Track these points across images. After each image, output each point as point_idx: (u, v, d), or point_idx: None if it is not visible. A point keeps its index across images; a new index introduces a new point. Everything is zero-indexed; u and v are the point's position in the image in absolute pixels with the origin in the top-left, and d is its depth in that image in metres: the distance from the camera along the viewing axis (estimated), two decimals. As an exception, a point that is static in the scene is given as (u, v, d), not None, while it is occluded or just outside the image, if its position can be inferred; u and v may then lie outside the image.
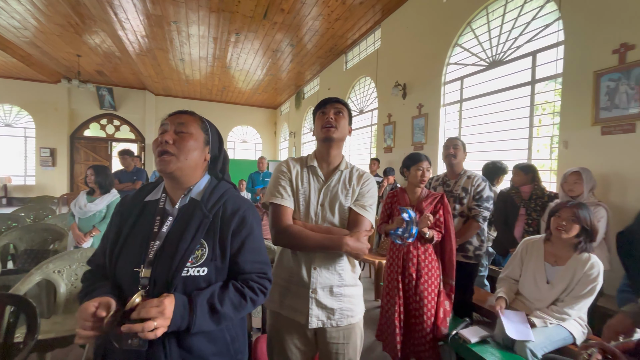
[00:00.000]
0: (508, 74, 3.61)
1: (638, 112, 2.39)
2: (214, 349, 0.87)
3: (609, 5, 2.59)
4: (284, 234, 1.11)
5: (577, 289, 1.62)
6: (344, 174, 1.25)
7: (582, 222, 1.64)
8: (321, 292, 1.15)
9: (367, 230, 1.17)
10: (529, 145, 3.33)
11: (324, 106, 1.24)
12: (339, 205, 1.19)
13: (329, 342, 1.17)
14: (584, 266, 1.63)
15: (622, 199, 2.48)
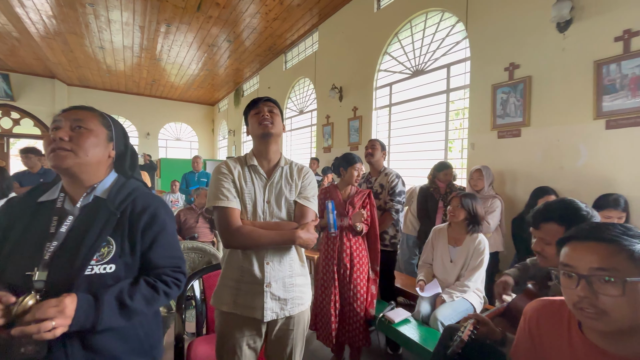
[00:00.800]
0: (428, 83, 4.06)
1: (522, 120, 2.92)
2: (125, 346, 0.86)
3: (501, 30, 3.10)
4: (237, 236, 1.12)
5: (472, 262, 1.98)
6: (285, 170, 1.29)
7: (466, 208, 2.00)
8: (275, 285, 1.18)
9: (314, 220, 1.25)
10: (445, 147, 3.80)
11: (256, 105, 1.27)
12: (284, 200, 1.23)
13: (279, 331, 1.22)
14: (474, 242, 2.00)
15: (514, 191, 2.99)
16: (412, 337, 1.82)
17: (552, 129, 2.74)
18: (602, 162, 2.46)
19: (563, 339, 0.82)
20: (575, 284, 0.72)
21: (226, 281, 1.20)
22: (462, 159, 3.59)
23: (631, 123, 2.30)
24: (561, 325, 0.83)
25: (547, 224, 1.14)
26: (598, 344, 0.75)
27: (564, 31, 2.62)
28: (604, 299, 0.68)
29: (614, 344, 0.73)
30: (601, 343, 0.75)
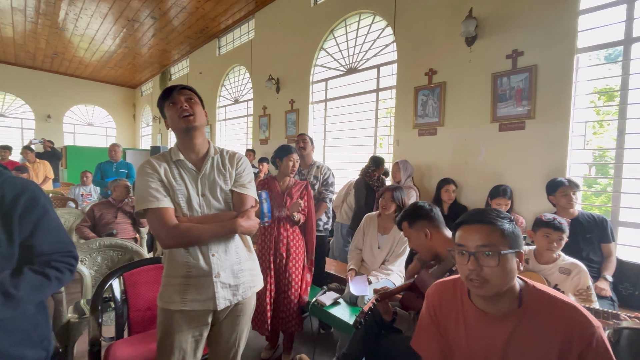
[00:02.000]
0: (361, 81, 4.30)
1: (438, 121, 3.32)
2: (10, 340, 0.85)
3: (423, 38, 3.45)
4: (175, 236, 1.09)
5: (396, 250, 2.20)
6: (216, 160, 1.25)
7: (397, 201, 2.23)
8: (224, 274, 1.18)
9: (254, 206, 1.25)
10: (375, 142, 4.10)
11: (171, 95, 1.18)
12: (220, 191, 1.21)
13: (228, 318, 1.24)
14: (400, 232, 2.19)
15: (430, 183, 3.39)
16: (340, 317, 1.97)
17: (460, 129, 3.18)
18: (496, 159, 2.95)
19: (458, 309, 0.99)
20: (466, 260, 0.89)
21: (171, 280, 1.18)
22: (389, 154, 3.92)
23: (516, 127, 2.82)
24: (455, 298, 1.01)
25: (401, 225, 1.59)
26: (481, 308, 0.93)
27: (470, 45, 3.04)
28: (486, 269, 0.86)
29: (491, 306, 0.91)
30: (483, 306, 0.93)
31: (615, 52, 2.58)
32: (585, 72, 2.59)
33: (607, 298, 2.00)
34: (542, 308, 0.86)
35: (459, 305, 0.99)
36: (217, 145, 1.32)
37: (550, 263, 1.77)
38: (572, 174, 2.60)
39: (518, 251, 0.89)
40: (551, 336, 0.83)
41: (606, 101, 2.82)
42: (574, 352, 0.80)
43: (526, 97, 2.74)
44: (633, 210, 2.42)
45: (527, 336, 0.86)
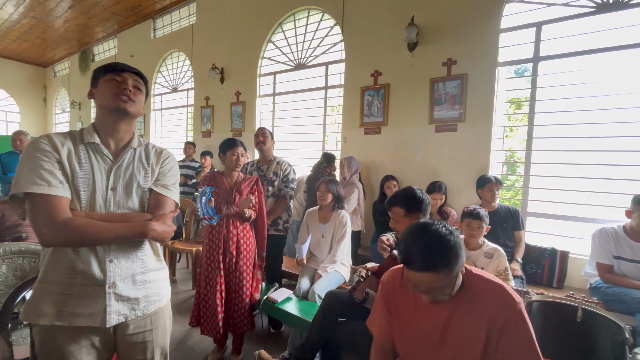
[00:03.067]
0: (310, 77, 4.32)
1: (382, 120, 3.51)
2: None
3: (369, 39, 3.60)
4: (65, 231, 0.90)
5: (337, 234, 2.34)
6: (139, 152, 1.11)
7: (332, 192, 2.38)
8: (121, 284, 1.01)
9: (173, 211, 1.11)
10: (323, 139, 4.16)
11: (121, 72, 1.04)
12: (137, 188, 1.06)
13: (133, 333, 1.07)
14: (338, 217, 2.38)
15: (376, 179, 3.57)
16: (292, 312, 1.98)
17: (402, 129, 3.41)
18: (432, 157, 3.24)
19: (411, 295, 1.08)
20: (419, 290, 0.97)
21: (47, 287, 0.97)
22: (337, 151, 4.03)
23: (449, 129, 3.12)
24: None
25: (394, 208, 1.52)
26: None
27: (412, 50, 3.27)
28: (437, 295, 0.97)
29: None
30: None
31: (522, 68, 3.03)
32: (504, 83, 2.99)
33: (518, 277, 2.36)
34: (477, 289, 0.98)
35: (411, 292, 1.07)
36: (143, 139, 1.18)
37: (477, 249, 2.02)
38: (493, 172, 2.99)
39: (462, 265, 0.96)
40: (482, 312, 0.95)
41: (516, 109, 3.30)
42: (498, 324, 0.92)
43: (458, 102, 3.05)
44: (537, 202, 2.88)
45: (464, 313, 0.97)
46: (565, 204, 2.76)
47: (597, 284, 2.17)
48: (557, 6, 2.71)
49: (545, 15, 2.77)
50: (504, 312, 0.92)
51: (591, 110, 2.65)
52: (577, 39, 2.67)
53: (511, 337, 0.91)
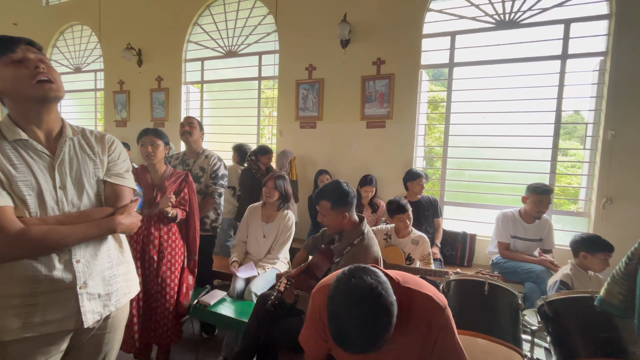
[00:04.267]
0: (242, 67, 4.11)
1: (317, 115, 3.54)
2: None
3: (304, 32, 3.57)
4: (22, 243, 0.82)
5: (281, 237, 2.25)
6: (77, 142, 1.00)
7: (279, 189, 2.26)
8: (92, 282, 0.97)
9: (134, 201, 1.07)
10: (257, 132, 4.02)
11: (12, 49, 0.87)
12: (89, 182, 0.98)
13: (91, 337, 1.01)
14: (284, 219, 2.28)
15: (312, 172, 3.58)
16: (227, 315, 1.87)
17: (336, 124, 3.49)
18: (364, 152, 3.40)
19: None
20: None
21: (5, 302, 0.87)
22: (273, 144, 3.94)
23: (379, 125, 3.31)
24: None
25: (321, 201, 1.53)
26: None
27: (345, 47, 3.36)
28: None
29: None
30: None
31: (439, 72, 3.39)
32: (425, 84, 3.29)
33: (437, 260, 2.65)
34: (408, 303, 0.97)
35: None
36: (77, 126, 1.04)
37: (406, 237, 2.20)
38: (416, 166, 3.28)
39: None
40: (416, 326, 0.97)
41: (433, 110, 3.67)
42: (434, 334, 0.97)
43: (387, 100, 3.25)
44: (452, 192, 3.26)
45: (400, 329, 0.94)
46: (474, 193, 3.20)
47: (497, 260, 2.56)
48: (467, 19, 3.07)
49: (459, 26, 3.11)
50: (436, 322, 0.97)
51: (496, 112, 3.09)
52: (484, 49, 3.07)
53: (444, 342, 0.98)
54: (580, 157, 3.07)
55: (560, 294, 1.31)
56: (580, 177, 3.00)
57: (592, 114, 2.81)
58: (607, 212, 2.64)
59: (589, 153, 2.84)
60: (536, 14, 2.84)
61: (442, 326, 0.97)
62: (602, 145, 2.67)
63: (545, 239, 2.48)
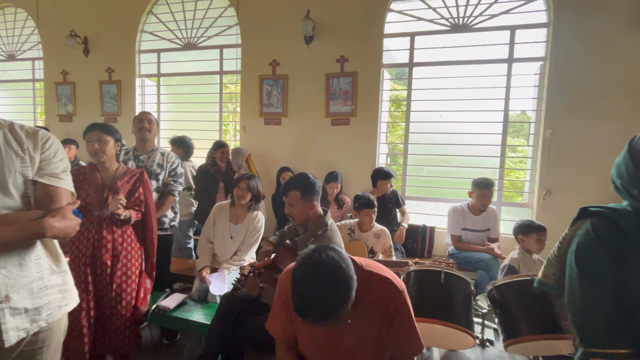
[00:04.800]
0: (203, 60, 3.94)
1: (282, 111, 3.51)
2: None
3: (267, 27, 3.50)
4: None
5: (249, 239, 2.19)
6: (2, 136, 0.89)
7: (252, 190, 2.19)
8: (16, 296, 0.87)
9: (72, 203, 0.96)
10: (220, 128, 3.89)
11: None
12: (14, 181, 0.87)
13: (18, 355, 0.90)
14: (254, 221, 2.21)
15: (274, 169, 3.52)
16: (189, 318, 1.80)
17: (301, 121, 3.48)
18: (329, 149, 3.43)
19: None
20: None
21: None
22: (237, 141, 3.84)
23: (343, 122, 3.36)
24: None
25: (291, 191, 1.53)
26: None
27: (309, 44, 3.35)
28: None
29: None
30: None
31: (401, 71, 3.52)
32: (388, 83, 3.39)
33: (398, 250, 2.76)
34: (368, 285, 1.02)
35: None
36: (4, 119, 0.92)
37: (368, 231, 2.26)
38: (379, 162, 3.38)
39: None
40: (375, 307, 1.02)
41: (397, 108, 3.80)
42: (390, 315, 1.02)
43: (350, 98, 3.30)
44: (413, 187, 3.41)
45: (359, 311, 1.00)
46: (433, 187, 3.37)
47: (452, 251, 2.73)
48: (425, 21, 3.20)
49: (418, 27, 3.24)
50: (393, 303, 1.02)
51: (452, 111, 3.26)
52: (441, 51, 3.23)
53: (400, 323, 1.03)
54: (525, 153, 3.36)
55: (505, 278, 1.43)
56: (525, 172, 3.29)
57: (535, 113, 3.08)
58: (546, 203, 2.92)
59: (532, 149, 3.11)
60: (486, 20, 3.04)
61: (399, 308, 1.02)
62: (542, 142, 2.94)
63: (492, 228, 2.68)
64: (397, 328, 1.02)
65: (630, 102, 2.69)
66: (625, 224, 0.76)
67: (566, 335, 1.12)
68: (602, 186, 2.62)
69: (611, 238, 0.76)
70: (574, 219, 0.87)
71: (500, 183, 3.12)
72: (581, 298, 0.78)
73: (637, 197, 0.76)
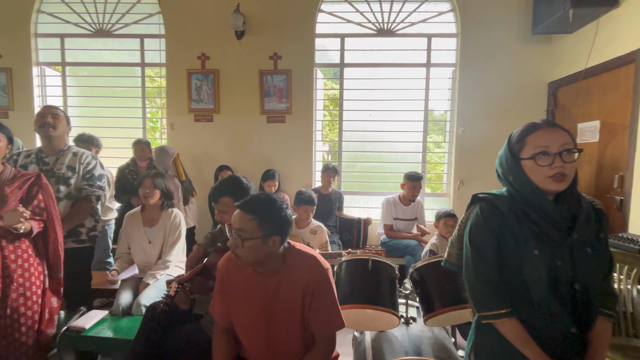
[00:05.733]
0: (120, 49, 3.54)
1: (213, 107, 3.35)
2: None
3: (195, 18, 3.30)
4: None
5: (170, 238, 2.07)
6: None
7: (160, 188, 2.06)
8: None
9: None
10: (143, 124, 3.55)
11: None
12: None
13: None
14: (170, 218, 2.09)
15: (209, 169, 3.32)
16: (109, 336, 1.62)
17: (235, 118, 3.37)
18: (265, 147, 3.39)
19: (243, 273, 1.15)
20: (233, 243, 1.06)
21: None
22: (164, 139, 3.54)
23: (279, 120, 3.35)
24: (240, 266, 1.15)
25: (222, 198, 1.47)
26: (257, 270, 1.13)
27: (240, 39, 3.25)
28: (239, 250, 1.05)
29: (262, 268, 1.13)
30: (257, 268, 1.13)
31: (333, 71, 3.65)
32: (322, 82, 3.48)
33: (335, 243, 2.87)
34: (297, 262, 1.14)
35: (244, 271, 1.15)
36: None
37: (305, 227, 2.31)
38: (316, 159, 3.46)
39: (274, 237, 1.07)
40: (300, 280, 1.11)
41: (335, 107, 3.93)
42: (311, 289, 1.11)
43: (285, 95, 3.30)
44: (348, 182, 3.57)
45: (288, 283, 1.11)
46: (366, 182, 3.58)
47: (384, 240, 2.94)
48: (354, 24, 3.36)
49: (347, 29, 3.38)
50: (316, 278, 1.11)
51: (380, 110, 3.48)
52: (369, 53, 3.42)
53: (320, 297, 1.12)
54: (443, 149, 3.77)
55: (423, 260, 1.60)
56: (443, 165, 3.69)
57: (449, 113, 3.47)
58: (460, 192, 3.32)
59: (448, 145, 3.51)
60: (407, 27, 3.32)
61: (322, 282, 1.12)
62: (456, 139, 3.33)
63: (419, 217, 2.97)
64: (317, 301, 1.11)
65: (522, 104, 3.21)
66: (503, 206, 0.91)
67: (467, 305, 1.31)
68: (501, 176, 3.08)
69: (492, 219, 0.91)
70: (468, 204, 1.01)
71: (423, 176, 3.46)
72: (473, 271, 0.92)
73: (512, 183, 0.92)
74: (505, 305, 0.88)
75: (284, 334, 1.13)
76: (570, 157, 0.85)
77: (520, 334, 0.87)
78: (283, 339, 1.14)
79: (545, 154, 0.85)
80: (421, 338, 1.51)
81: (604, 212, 0.92)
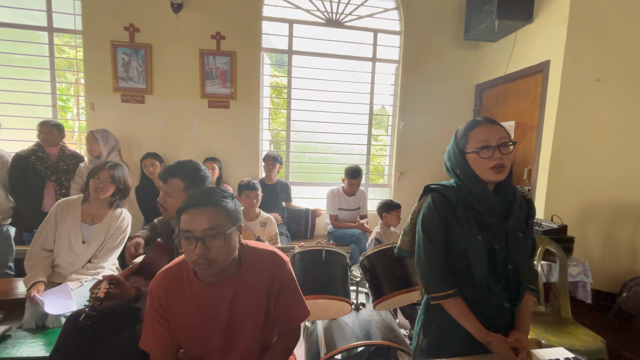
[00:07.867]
0: (16, 8, 2.89)
1: (145, 87, 2.97)
2: None
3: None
4: None
5: (110, 242, 1.77)
6: None
7: (118, 183, 1.77)
8: None
9: None
10: (53, 103, 2.98)
11: None
12: None
13: None
14: (117, 220, 1.79)
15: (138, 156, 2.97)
16: (16, 356, 1.35)
17: (172, 101, 3.05)
18: (207, 133, 3.15)
19: (187, 291, 0.98)
20: (193, 245, 0.86)
21: None
22: (80, 121, 3.04)
23: (222, 105, 3.13)
24: (182, 280, 0.98)
25: (173, 179, 1.32)
26: (208, 281, 0.96)
27: (177, 12, 2.92)
28: (214, 250, 0.87)
29: (217, 277, 0.95)
30: (210, 280, 0.96)
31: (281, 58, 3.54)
32: (269, 69, 3.34)
33: (284, 235, 2.84)
34: (254, 261, 1.02)
35: (187, 286, 0.98)
36: None
37: (254, 219, 2.22)
38: (263, 148, 3.34)
39: (239, 225, 0.97)
40: (261, 280, 1.01)
41: (278, 95, 3.82)
42: (276, 287, 1.03)
43: (229, 79, 3.09)
44: (295, 173, 3.54)
45: (246, 286, 0.99)
46: (314, 173, 3.58)
47: (330, 230, 3.00)
48: (302, 10, 3.28)
49: (296, 15, 3.29)
50: (278, 275, 1.02)
51: (327, 102, 3.49)
52: (317, 42, 3.38)
53: (285, 293, 1.05)
54: (385, 142, 3.96)
55: (373, 248, 1.66)
56: (386, 158, 3.89)
57: (392, 108, 3.65)
58: (400, 183, 3.55)
59: (389, 139, 3.70)
60: (355, 20, 3.36)
61: (285, 277, 1.04)
62: (397, 132, 3.53)
63: (362, 207, 3.10)
64: (283, 297, 1.04)
65: (455, 103, 3.53)
66: (452, 196, 0.98)
67: (416, 287, 1.41)
68: (440, 169, 3.37)
69: (442, 208, 0.98)
70: (421, 194, 1.07)
71: (367, 167, 3.60)
72: (424, 257, 0.99)
73: (459, 175, 1.00)
74: (452, 287, 0.96)
75: (244, 340, 1.01)
76: (507, 150, 0.96)
77: (463, 311, 0.96)
78: (242, 344, 1.02)
79: (486, 148, 0.95)
80: (370, 322, 1.58)
81: (532, 201, 1.06)
